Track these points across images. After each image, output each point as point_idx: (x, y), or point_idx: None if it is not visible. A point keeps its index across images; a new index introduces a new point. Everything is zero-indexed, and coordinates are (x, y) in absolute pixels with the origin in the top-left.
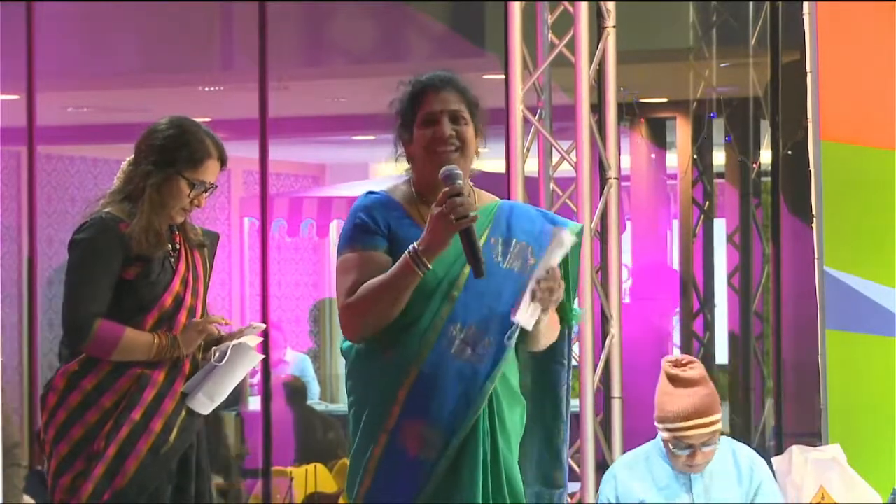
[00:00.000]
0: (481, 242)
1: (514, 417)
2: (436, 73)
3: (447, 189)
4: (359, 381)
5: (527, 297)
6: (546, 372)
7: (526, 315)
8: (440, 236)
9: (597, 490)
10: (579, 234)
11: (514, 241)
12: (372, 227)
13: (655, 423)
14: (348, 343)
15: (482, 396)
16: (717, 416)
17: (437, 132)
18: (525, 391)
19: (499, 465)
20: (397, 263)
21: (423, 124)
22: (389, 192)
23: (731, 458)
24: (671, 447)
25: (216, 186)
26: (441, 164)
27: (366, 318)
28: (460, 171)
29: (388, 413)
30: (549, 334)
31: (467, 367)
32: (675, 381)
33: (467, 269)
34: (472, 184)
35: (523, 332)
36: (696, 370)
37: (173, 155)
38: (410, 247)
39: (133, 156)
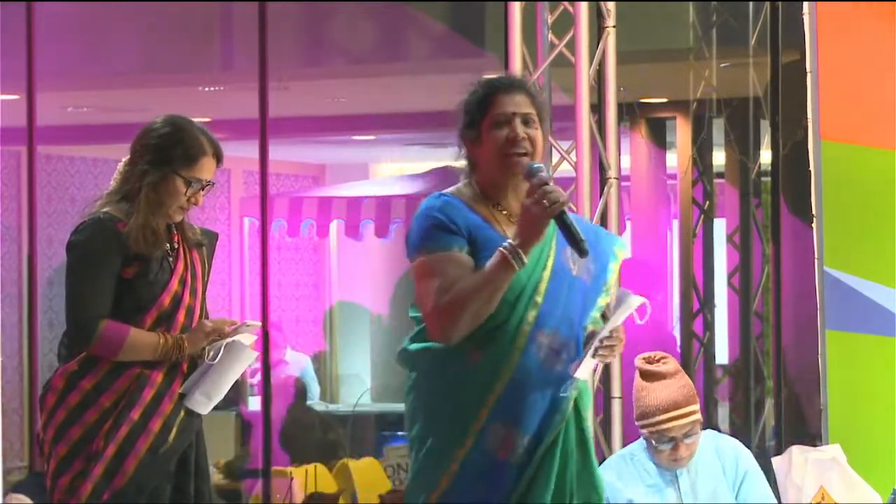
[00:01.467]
0: (552, 250)
1: (590, 415)
2: (508, 75)
3: (536, 180)
4: (438, 384)
5: (588, 356)
6: None
7: (585, 371)
8: (537, 226)
9: None
10: (623, 247)
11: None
12: (452, 227)
13: (636, 422)
14: (419, 345)
15: (568, 402)
16: (695, 407)
17: (511, 134)
18: None
19: (588, 464)
20: (492, 260)
21: (494, 126)
22: (457, 194)
23: (714, 451)
24: (654, 443)
25: (213, 184)
26: (512, 167)
27: (462, 318)
28: (541, 165)
29: (476, 416)
30: None
31: (554, 374)
32: (649, 376)
33: (547, 275)
34: None
35: None
36: (670, 364)
37: (168, 153)
38: (505, 242)
39: (129, 156)
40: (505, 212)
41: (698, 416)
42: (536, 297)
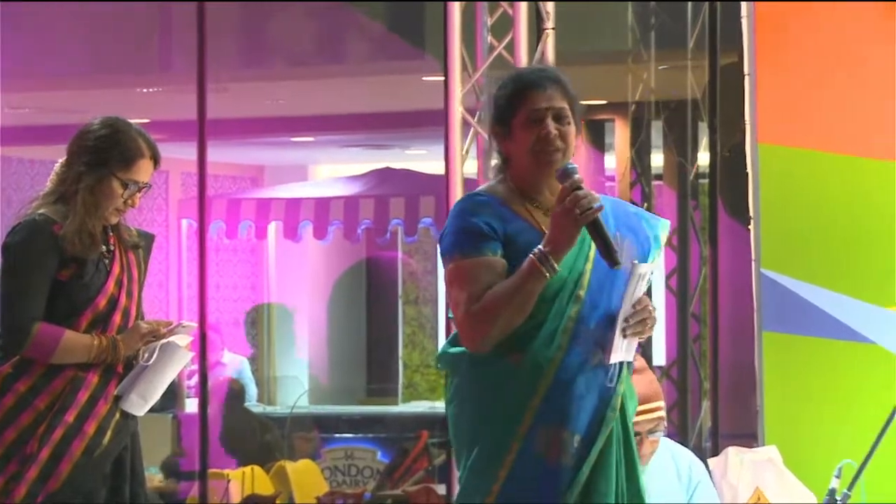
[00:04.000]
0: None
1: (632, 415)
2: (540, 67)
3: (567, 184)
4: (480, 388)
5: (617, 338)
6: None
7: (621, 353)
8: (567, 233)
9: None
10: (666, 229)
11: (620, 236)
12: (485, 230)
13: None
14: (458, 349)
15: (617, 398)
16: (661, 404)
17: (543, 133)
18: None
19: (633, 466)
20: (523, 267)
21: (527, 122)
22: (490, 193)
23: (670, 456)
24: None
25: (150, 186)
26: (545, 164)
27: (493, 327)
28: (575, 165)
29: (520, 419)
30: None
31: (601, 370)
32: None
33: (589, 267)
34: None
35: None
36: (638, 360)
37: (105, 155)
38: (536, 248)
39: (66, 157)
40: (541, 207)
41: (663, 413)
42: (579, 291)
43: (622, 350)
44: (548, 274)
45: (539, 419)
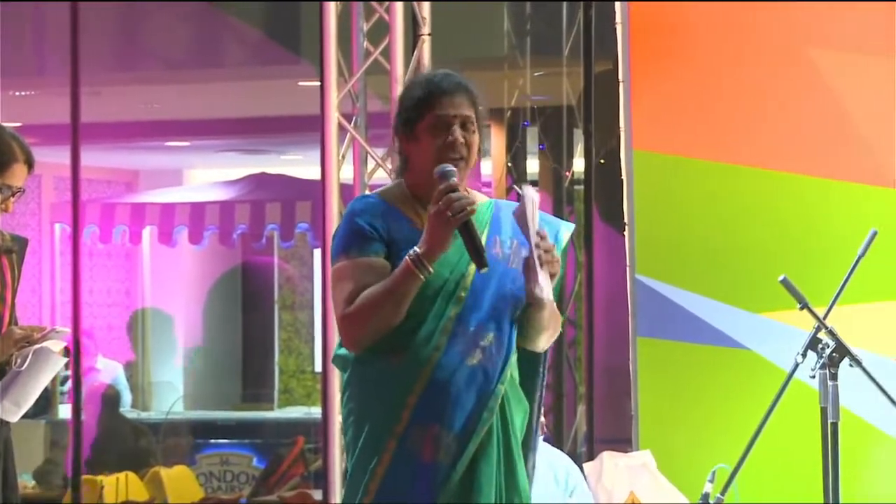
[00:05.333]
0: (483, 241)
1: (519, 419)
2: (449, 73)
3: (442, 186)
4: (363, 387)
5: (536, 264)
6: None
7: (546, 286)
8: (440, 236)
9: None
10: (570, 230)
11: (511, 239)
12: (368, 232)
13: None
14: (345, 351)
15: (495, 398)
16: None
17: (450, 140)
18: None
19: (514, 469)
20: (398, 268)
21: (433, 128)
22: (383, 194)
23: (547, 462)
24: None
25: (24, 191)
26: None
27: (367, 327)
28: (454, 168)
29: (397, 418)
30: (551, 328)
31: (479, 370)
32: None
33: (473, 268)
34: (466, 185)
35: (526, 330)
36: None
37: None
38: (411, 250)
39: None
40: None
41: (542, 418)
42: (460, 293)
43: (544, 284)
44: (422, 275)
45: (415, 418)
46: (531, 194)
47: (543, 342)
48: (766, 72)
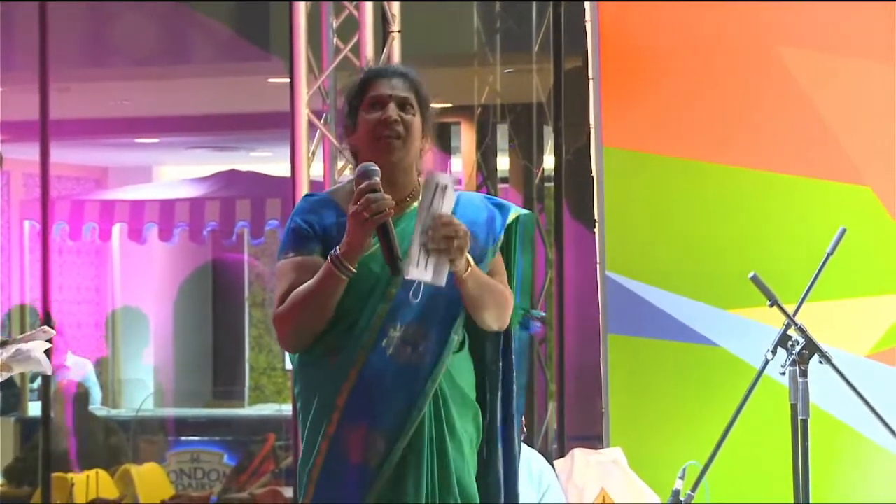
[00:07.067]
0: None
1: (466, 422)
2: (391, 65)
3: (364, 185)
4: (304, 388)
5: (414, 248)
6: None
7: (423, 270)
8: (358, 236)
9: None
10: (532, 221)
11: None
12: (305, 230)
13: None
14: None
15: (424, 397)
16: None
17: (383, 116)
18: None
19: (447, 470)
20: (321, 269)
21: (369, 108)
22: (331, 193)
23: (524, 460)
24: None
25: None
26: (384, 150)
27: (293, 328)
28: (377, 168)
29: (328, 420)
30: (490, 302)
31: (408, 368)
32: None
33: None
34: (419, 178)
35: (466, 307)
36: None
37: None
38: (333, 251)
39: None
40: None
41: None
42: (391, 289)
43: (423, 267)
44: (343, 275)
45: (345, 418)
46: (442, 181)
47: (490, 320)
48: (737, 70)
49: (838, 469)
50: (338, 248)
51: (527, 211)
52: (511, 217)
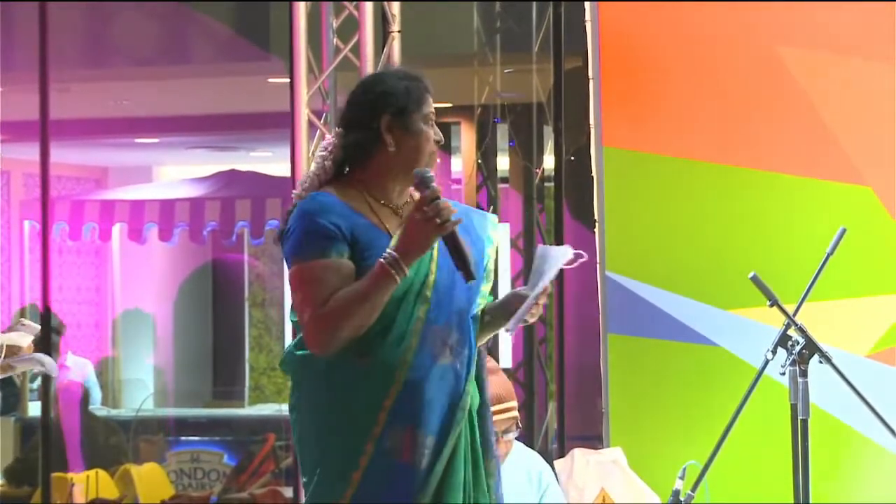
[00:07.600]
0: (436, 242)
1: (479, 416)
2: (415, 70)
3: (428, 192)
4: (333, 389)
5: (523, 309)
6: None
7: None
8: (422, 241)
9: None
10: (495, 225)
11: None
12: (332, 231)
13: None
14: (304, 352)
15: (466, 396)
16: (514, 404)
17: (437, 137)
18: None
19: (478, 469)
20: (373, 271)
21: (425, 121)
22: (334, 192)
23: (521, 459)
24: None
25: None
26: (430, 165)
27: (342, 330)
28: (433, 174)
29: (374, 421)
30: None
31: (449, 369)
32: None
33: (434, 267)
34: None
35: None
36: (490, 361)
37: None
38: (386, 253)
39: None
40: (389, 206)
41: (517, 413)
42: (426, 292)
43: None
44: (398, 278)
45: (392, 420)
46: (558, 255)
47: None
48: (737, 70)
49: (838, 469)
50: (390, 251)
51: (495, 217)
52: (493, 231)
